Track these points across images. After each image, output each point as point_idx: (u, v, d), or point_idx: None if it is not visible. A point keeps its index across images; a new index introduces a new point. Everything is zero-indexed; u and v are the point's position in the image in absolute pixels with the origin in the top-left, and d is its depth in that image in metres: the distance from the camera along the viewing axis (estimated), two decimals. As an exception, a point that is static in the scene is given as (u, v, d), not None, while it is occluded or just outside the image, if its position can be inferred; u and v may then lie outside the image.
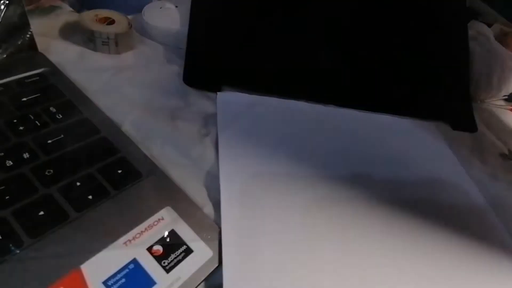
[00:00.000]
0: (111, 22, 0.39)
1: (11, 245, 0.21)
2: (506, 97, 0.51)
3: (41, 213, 0.22)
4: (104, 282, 0.20)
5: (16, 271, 0.20)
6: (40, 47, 0.34)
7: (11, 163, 0.24)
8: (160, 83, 0.36)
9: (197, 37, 0.37)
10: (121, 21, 0.39)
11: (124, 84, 0.35)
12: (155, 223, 0.24)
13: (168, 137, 0.31)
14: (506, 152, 0.40)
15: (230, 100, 0.35)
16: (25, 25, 0.32)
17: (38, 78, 0.31)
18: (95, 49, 0.38)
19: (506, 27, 0.56)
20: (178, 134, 0.32)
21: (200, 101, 0.36)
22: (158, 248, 0.23)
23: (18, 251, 0.21)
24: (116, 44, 0.38)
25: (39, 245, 0.21)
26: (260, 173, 0.30)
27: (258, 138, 0.32)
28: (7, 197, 0.22)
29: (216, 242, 0.24)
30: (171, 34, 0.42)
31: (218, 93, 0.35)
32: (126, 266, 0.21)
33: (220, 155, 0.30)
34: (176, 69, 0.39)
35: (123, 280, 0.21)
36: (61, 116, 0.28)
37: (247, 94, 0.36)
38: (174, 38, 0.42)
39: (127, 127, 0.31)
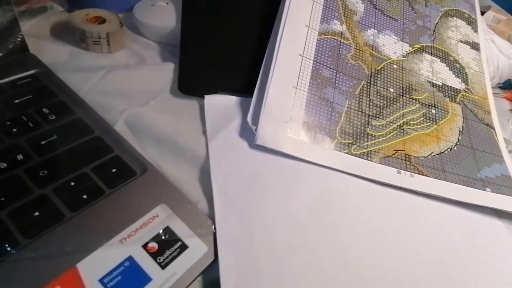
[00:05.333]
0: (102, 21, 0.39)
1: (7, 245, 0.21)
2: (501, 84, 0.52)
3: (36, 213, 0.22)
4: (101, 280, 0.21)
5: (13, 271, 0.20)
6: (32, 48, 0.34)
7: (5, 165, 0.24)
8: (153, 81, 0.36)
9: (190, 47, 0.37)
10: (112, 20, 0.39)
11: (117, 83, 0.35)
12: (150, 220, 0.24)
13: (162, 134, 0.31)
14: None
15: (218, 103, 0.35)
16: (16, 28, 0.32)
17: (30, 79, 0.31)
18: (87, 48, 0.38)
19: (499, 14, 0.56)
20: (172, 132, 0.32)
21: (194, 99, 0.36)
22: (154, 245, 0.23)
23: (14, 252, 0.21)
24: (108, 43, 0.38)
25: (35, 245, 0.21)
26: (252, 172, 0.30)
27: (248, 139, 0.32)
28: (2, 199, 0.23)
29: (211, 237, 0.24)
30: (163, 31, 0.42)
31: (205, 96, 0.35)
32: (122, 264, 0.21)
33: (211, 158, 0.30)
34: (169, 66, 0.39)
35: (119, 277, 0.21)
36: (54, 117, 0.28)
37: (235, 96, 0.36)
38: (166, 35, 0.42)
39: (121, 126, 0.31)
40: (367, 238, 0.28)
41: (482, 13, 0.57)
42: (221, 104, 0.35)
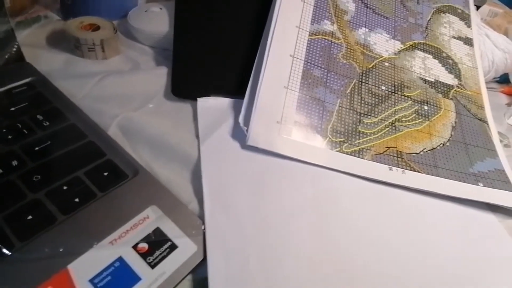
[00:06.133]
0: (96, 28, 0.39)
1: (3, 248, 0.22)
2: (498, 79, 0.51)
3: (30, 217, 0.23)
4: (91, 280, 0.21)
5: (8, 272, 0.21)
6: (28, 57, 0.35)
7: (1, 171, 0.25)
8: (147, 85, 0.37)
9: (182, 51, 0.37)
10: (106, 27, 0.40)
11: (111, 88, 0.36)
12: (141, 221, 0.25)
13: (154, 137, 0.32)
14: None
15: (210, 105, 0.35)
16: (11, 39, 0.33)
17: (25, 87, 0.32)
18: (82, 55, 0.39)
19: (495, 7, 0.56)
20: (165, 135, 0.32)
21: (187, 102, 0.36)
22: (144, 246, 0.23)
23: (10, 254, 0.22)
24: (103, 49, 0.39)
25: (28, 248, 0.22)
26: (243, 172, 0.30)
27: (240, 140, 0.32)
28: (-2, 204, 0.24)
29: (201, 237, 0.25)
30: (156, 36, 0.42)
31: (198, 98, 0.35)
32: (112, 264, 0.22)
33: (202, 159, 0.30)
34: (163, 70, 0.39)
35: (109, 277, 0.21)
36: (48, 123, 0.29)
37: (227, 98, 0.36)
38: (160, 40, 0.42)
39: (114, 130, 0.31)
40: (359, 236, 0.28)
41: (478, 7, 0.57)
42: (213, 106, 0.36)
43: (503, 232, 0.32)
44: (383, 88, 0.38)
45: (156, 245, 0.24)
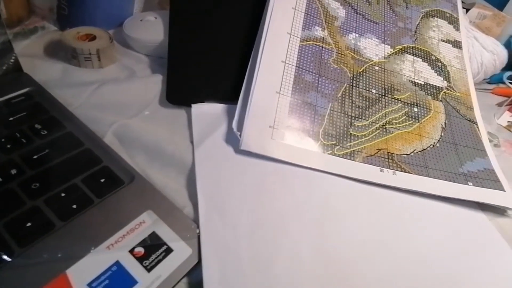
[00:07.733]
0: (92, 38, 0.40)
1: (3, 254, 0.22)
2: (488, 80, 0.52)
3: (29, 224, 0.24)
4: (89, 284, 0.22)
5: (8, 278, 0.22)
6: (26, 67, 0.36)
7: (1, 180, 0.26)
8: (142, 93, 0.38)
9: (177, 58, 0.38)
10: (102, 36, 0.41)
11: (107, 96, 0.37)
12: (137, 226, 0.25)
13: (150, 144, 0.33)
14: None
15: (205, 111, 0.36)
16: (9, 50, 0.34)
17: (23, 97, 0.33)
18: (78, 65, 0.39)
19: (484, 10, 0.57)
20: (160, 141, 0.33)
21: (182, 109, 0.37)
22: (140, 250, 0.24)
23: (10, 260, 0.22)
24: (99, 58, 0.40)
25: (28, 253, 0.23)
26: (237, 176, 0.31)
27: (234, 145, 0.33)
28: (-2, 211, 0.24)
29: (196, 241, 0.26)
30: (152, 44, 0.43)
31: (192, 105, 0.36)
32: (109, 268, 0.23)
33: (197, 163, 0.31)
34: (158, 78, 0.40)
35: (107, 281, 0.22)
36: (45, 132, 0.30)
37: (221, 104, 0.37)
38: (155, 48, 0.43)
39: (110, 138, 0.32)
40: (352, 237, 0.29)
41: (467, 10, 0.58)
42: (208, 112, 0.36)
43: (494, 230, 0.33)
44: (374, 91, 0.39)
45: (152, 249, 0.24)
